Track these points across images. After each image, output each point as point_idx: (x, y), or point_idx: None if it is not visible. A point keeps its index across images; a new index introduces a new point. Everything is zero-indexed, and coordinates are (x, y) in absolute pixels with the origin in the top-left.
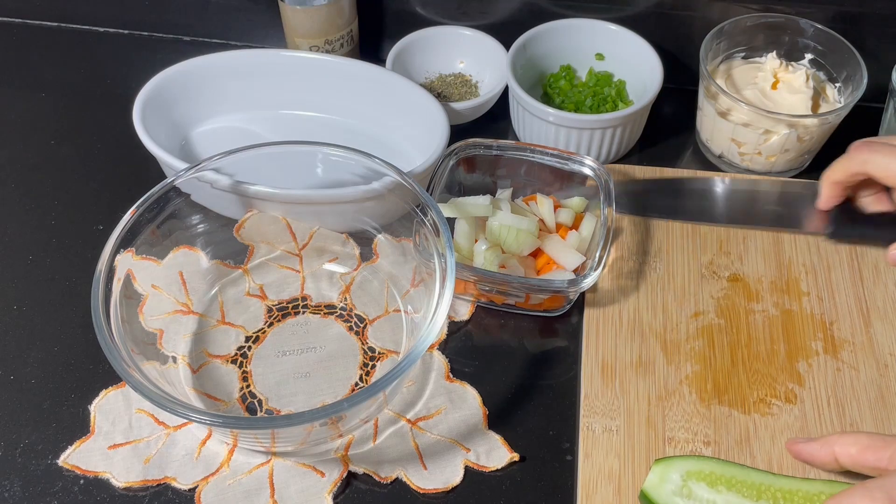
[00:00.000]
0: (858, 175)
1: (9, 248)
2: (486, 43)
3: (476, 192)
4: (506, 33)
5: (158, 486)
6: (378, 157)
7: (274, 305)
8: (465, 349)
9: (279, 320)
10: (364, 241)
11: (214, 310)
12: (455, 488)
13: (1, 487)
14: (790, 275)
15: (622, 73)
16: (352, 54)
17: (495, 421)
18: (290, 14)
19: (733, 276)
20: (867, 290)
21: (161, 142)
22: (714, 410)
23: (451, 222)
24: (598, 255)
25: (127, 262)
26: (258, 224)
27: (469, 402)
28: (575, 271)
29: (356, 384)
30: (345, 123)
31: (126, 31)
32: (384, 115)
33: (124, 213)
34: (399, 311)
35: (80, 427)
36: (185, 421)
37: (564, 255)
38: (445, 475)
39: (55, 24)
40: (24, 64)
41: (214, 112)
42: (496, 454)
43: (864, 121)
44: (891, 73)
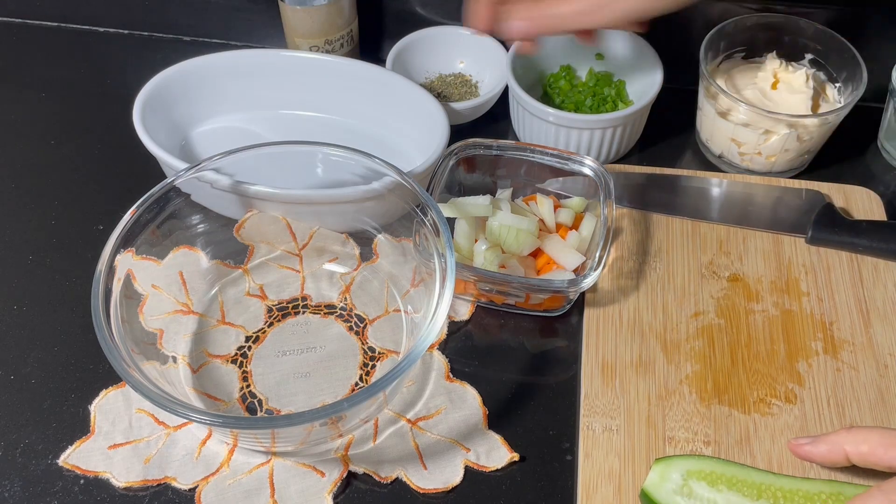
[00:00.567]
0: None
1: (9, 248)
2: (486, 43)
3: (476, 192)
4: None
5: (158, 485)
6: (378, 157)
7: (274, 305)
8: (465, 349)
9: (279, 320)
10: (364, 241)
11: (214, 310)
12: (455, 488)
13: (1, 487)
14: (790, 275)
15: (622, 73)
16: (352, 54)
17: (495, 421)
18: (290, 14)
19: (733, 276)
20: (867, 290)
21: (161, 142)
22: (714, 410)
23: (451, 222)
24: (598, 255)
25: (127, 262)
26: (258, 224)
27: (469, 401)
28: (575, 271)
29: (356, 384)
30: (345, 123)
31: (126, 31)
32: (384, 115)
33: (124, 213)
34: (399, 311)
35: (80, 427)
36: (185, 421)
37: (564, 255)
38: (445, 475)
39: (55, 24)
40: (24, 64)
41: (214, 112)
42: (496, 454)
43: (864, 121)
44: (891, 73)
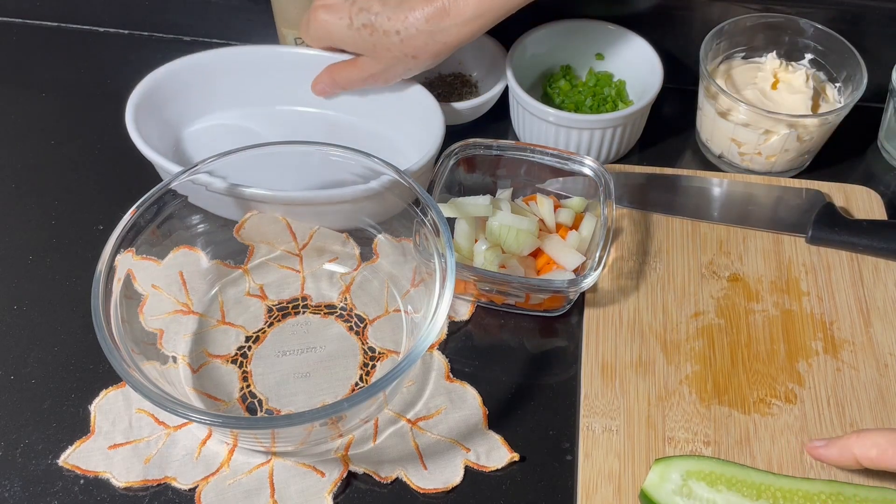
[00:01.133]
0: None
1: (9, 248)
2: (487, 43)
3: (476, 192)
4: (506, 33)
5: (158, 485)
6: (377, 157)
7: (274, 305)
8: (465, 349)
9: (279, 320)
10: (364, 241)
11: (214, 310)
12: (455, 488)
13: (1, 487)
14: (790, 275)
15: (622, 73)
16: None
17: (495, 421)
18: (274, 2)
19: (733, 276)
20: (867, 290)
21: (154, 143)
22: (714, 410)
23: (451, 222)
24: (598, 255)
25: (127, 262)
26: (258, 224)
27: (469, 402)
28: (575, 271)
29: (356, 384)
30: (340, 119)
31: (126, 31)
32: (380, 111)
33: (124, 213)
34: (399, 311)
35: (80, 427)
36: (185, 421)
37: (564, 255)
38: (445, 475)
39: (55, 24)
40: (24, 64)
41: (208, 110)
42: (496, 454)
43: (864, 121)
44: (891, 73)
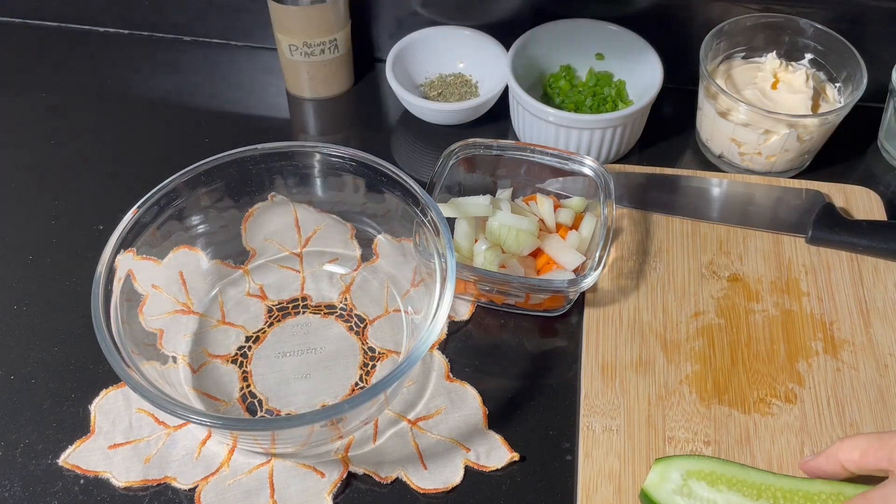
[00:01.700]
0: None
1: (9, 248)
2: (486, 43)
3: (476, 192)
4: (506, 33)
5: (158, 485)
6: (378, 159)
7: (274, 305)
8: (465, 349)
9: (279, 320)
10: (364, 241)
11: (215, 310)
12: (455, 488)
13: (1, 487)
14: (790, 275)
15: (622, 73)
16: (336, 63)
17: (495, 421)
18: (271, 7)
19: (733, 276)
20: (867, 290)
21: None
22: (714, 410)
23: (451, 222)
24: (598, 255)
25: (127, 262)
26: (267, 214)
27: (469, 402)
28: (575, 271)
29: (356, 384)
30: None
31: (126, 31)
32: None
33: (124, 213)
34: (399, 311)
35: (80, 427)
36: (185, 421)
37: (564, 255)
38: (445, 475)
39: (55, 24)
40: (24, 64)
41: None
42: (496, 454)
43: (864, 121)
44: (891, 73)
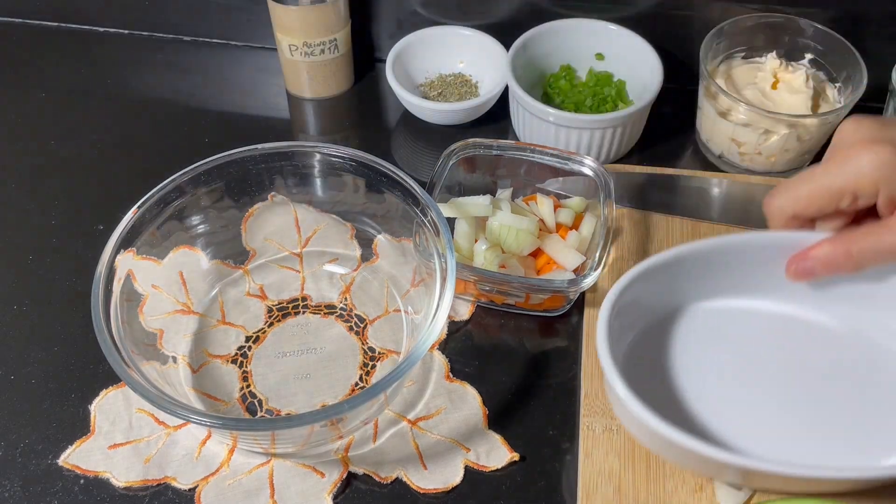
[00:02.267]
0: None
1: (9, 248)
2: (486, 43)
3: (476, 192)
4: (506, 33)
5: (158, 485)
6: (378, 159)
7: (274, 305)
8: (465, 349)
9: (279, 320)
10: (364, 241)
11: (215, 310)
12: (455, 488)
13: (1, 487)
14: None
15: (622, 73)
16: (337, 63)
17: (495, 421)
18: (270, 7)
19: None
20: None
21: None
22: None
23: (451, 222)
24: (598, 255)
25: (127, 262)
26: (267, 215)
27: (469, 402)
28: (575, 271)
29: (356, 384)
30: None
31: (126, 31)
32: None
33: (124, 213)
34: (399, 311)
35: (80, 427)
36: (185, 421)
37: (564, 255)
38: (445, 475)
39: (55, 24)
40: (24, 64)
41: None
42: (496, 454)
43: None
44: (891, 73)
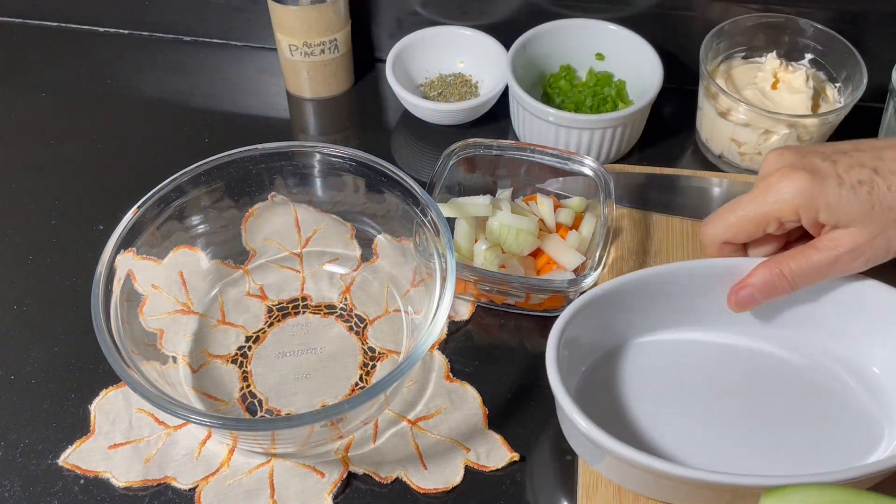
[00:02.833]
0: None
1: (9, 248)
2: (486, 43)
3: (476, 192)
4: (506, 33)
5: (158, 485)
6: (378, 159)
7: (274, 305)
8: (465, 349)
9: (279, 320)
10: (364, 241)
11: (215, 310)
12: (455, 488)
13: (1, 487)
14: None
15: (622, 73)
16: (337, 63)
17: (495, 421)
18: (270, 7)
19: None
20: None
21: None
22: None
23: (451, 222)
24: (598, 255)
25: (127, 262)
26: (267, 214)
27: (469, 402)
28: (575, 271)
29: (356, 384)
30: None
31: (126, 31)
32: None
33: (124, 213)
34: (399, 311)
35: (80, 427)
36: (185, 421)
37: (564, 255)
38: (445, 475)
39: (55, 24)
40: (24, 64)
41: None
42: (496, 454)
43: (864, 121)
44: (891, 73)
